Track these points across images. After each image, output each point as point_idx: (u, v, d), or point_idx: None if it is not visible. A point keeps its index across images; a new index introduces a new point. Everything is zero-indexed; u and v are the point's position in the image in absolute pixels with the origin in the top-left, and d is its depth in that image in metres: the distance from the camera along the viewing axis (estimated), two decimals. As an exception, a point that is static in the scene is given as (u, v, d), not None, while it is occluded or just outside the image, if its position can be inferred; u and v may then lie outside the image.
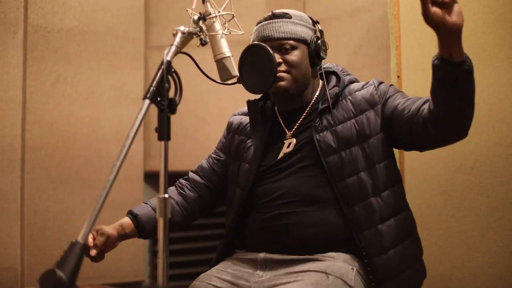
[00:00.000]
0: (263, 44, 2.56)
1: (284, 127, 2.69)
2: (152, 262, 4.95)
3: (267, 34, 2.61)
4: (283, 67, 2.59)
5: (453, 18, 2.11)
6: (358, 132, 2.51)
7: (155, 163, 4.76)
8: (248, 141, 2.74)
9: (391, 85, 2.63)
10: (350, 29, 4.35)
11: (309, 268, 2.39)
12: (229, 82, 2.48)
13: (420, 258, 2.62)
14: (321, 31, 2.68)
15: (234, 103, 4.81)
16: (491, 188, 3.13)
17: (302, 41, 2.61)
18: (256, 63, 2.55)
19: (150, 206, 2.78)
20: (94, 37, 4.56)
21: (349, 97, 2.59)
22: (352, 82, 2.68)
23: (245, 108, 2.82)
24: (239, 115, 2.91)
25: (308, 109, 2.67)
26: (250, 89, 2.62)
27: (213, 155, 2.93)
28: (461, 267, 3.21)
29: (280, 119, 2.72)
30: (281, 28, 2.60)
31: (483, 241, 3.15)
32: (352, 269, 2.40)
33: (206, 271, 2.61)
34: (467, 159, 3.19)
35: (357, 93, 2.59)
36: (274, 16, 2.64)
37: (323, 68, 2.71)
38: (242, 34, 2.48)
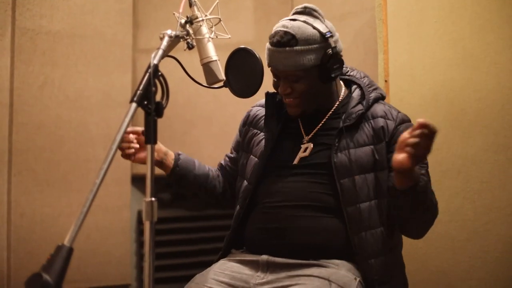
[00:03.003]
0: (249, 48, 2.55)
1: (302, 129, 2.68)
2: (139, 265, 4.93)
3: (273, 65, 2.56)
4: (291, 96, 2.57)
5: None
6: (376, 160, 2.50)
7: (142, 166, 4.71)
8: (261, 134, 2.73)
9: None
10: (338, 33, 4.36)
11: (313, 273, 2.38)
12: (215, 86, 2.48)
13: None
14: (333, 44, 2.53)
15: (222, 106, 4.83)
16: (477, 193, 3.14)
17: (310, 69, 2.51)
18: (243, 68, 2.54)
19: (195, 162, 2.86)
20: (82, 40, 4.54)
21: (371, 121, 2.56)
22: (377, 100, 2.63)
23: (264, 100, 2.78)
24: (257, 106, 2.86)
25: (329, 114, 2.65)
26: (237, 93, 2.59)
27: (227, 155, 2.94)
28: (447, 271, 3.22)
29: (299, 120, 2.70)
30: (286, 61, 2.50)
31: (469, 246, 3.16)
32: (355, 279, 2.39)
33: (193, 274, 2.59)
34: (454, 164, 3.20)
35: (379, 119, 2.56)
36: (279, 43, 2.50)
37: (347, 75, 2.73)
38: (229, 38, 2.48)
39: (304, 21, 2.52)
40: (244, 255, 2.60)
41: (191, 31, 2.28)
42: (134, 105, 1.91)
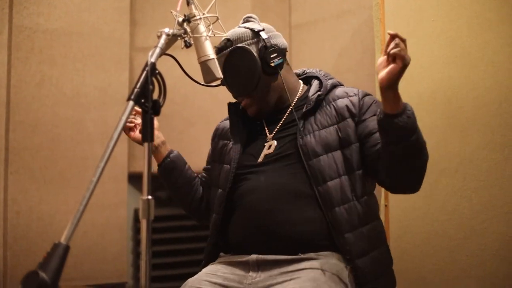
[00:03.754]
0: (247, 47, 2.60)
1: (266, 128, 2.72)
2: (136, 263, 4.93)
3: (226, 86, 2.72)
4: (251, 105, 2.70)
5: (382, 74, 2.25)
6: (340, 138, 2.53)
7: (139, 164, 4.74)
8: (230, 143, 2.76)
9: (375, 101, 2.62)
10: (335, 32, 4.36)
11: (305, 266, 2.39)
12: (212, 84, 2.48)
13: (391, 267, 2.64)
14: (265, 38, 2.65)
15: (219, 104, 4.79)
16: (474, 191, 3.14)
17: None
18: (241, 66, 2.59)
19: (186, 164, 2.97)
20: (79, 38, 4.54)
21: (332, 103, 2.61)
22: (335, 86, 2.71)
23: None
24: (223, 121, 2.95)
25: (289, 110, 2.69)
26: (234, 91, 2.68)
27: (204, 167, 3.03)
28: (444, 269, 3.22)
29: (263, 121, 2.75)
30: (233, 81, 2.67)
31: (466, 244, 3.16)
32: (346, 267, 2.42)
33: (189, 272, 2.60)
34: (451, 162, 3.20)
35: (340, 99, 2.61)
36: (218, 50, 2.68)
37: (306, 73, 2.80)
38: (227, 36, 2.48)
39: (238, 26, 2.73)
40: (233, 257, 2.60)
41: (188, 30, 2.26)
42: (131, 103, 1.89)
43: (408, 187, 2.52)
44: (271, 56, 2.61)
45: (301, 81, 2.81)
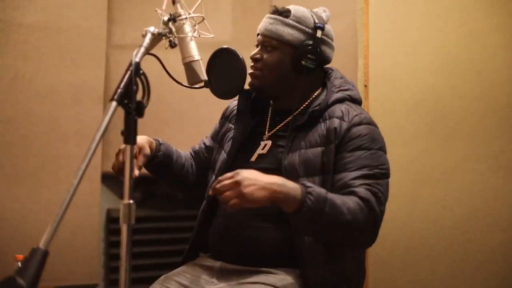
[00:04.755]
0: (232, 48, 2.54)
1: (267, 125, 2.63)
2: (107, 265, 4.85)
3: (259, 29, 2.59)
4: (258, 64, 2.55)
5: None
6: (324, 164, 2.40)
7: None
8: (233, 129, 2.68)
9: (364, 134, 2.41)
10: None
11: (261, 280, 2.36)
12: (196, 86, 2.41)
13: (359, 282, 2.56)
14: (319, 38, 2.54)
15: (196, 105, 4.76)
16: (457, 202, 3.12)
17: (286, 43, 2.51)
18: (226, 68, 2.52)
19: (174, 151, 2.79)
20: (55, 33, 4.45)
21: (327, 121, 2.46)
22: (340, 100, 2.53)
23: None
24: (236, 100, 2.77)
25: (295, 113, 2.55)
26: (218, 94, 2.59)
27: (204, 141, 2.89)
28: (424, 280, 3.19)
29: (269, 117, 2.65)
30: (270, 26, 2.53)
31: (447, 255, 3.14)
32: (300, 285, 2.37)
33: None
34: (434, 171, 3.18)
35: (335, 119, 2.45)
36: (274, 12, 2.57)
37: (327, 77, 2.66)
38: (212, 37, 2.41)
39: (308, 9, 2.59)
40: (205, 260, 2.59)
41: (173, 29, 2.20)
42: (114, 103, 1.85)
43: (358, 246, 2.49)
44: (308, 56, 2.49)
45: (320, 86, 2.64)
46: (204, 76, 2.31)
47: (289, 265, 2.41)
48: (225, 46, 2.56)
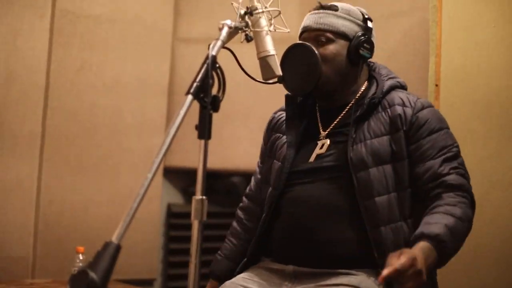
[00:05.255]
0: (308, 44, 2.48)
1: (320, 126, 2.59)
2: (166, 260, 4.87)
3: (307, 24, 2.56)
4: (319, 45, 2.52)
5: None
6: (393, 151, 2.39)
7: (175, 158, 4.65)
8: (283, 137, 2.64)
9: (430, 118, 2.43)
10: (385, 33, 4.25)
11: (342, 281, 2.30)
12: (269, 81, 2.37)
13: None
14: (370, 29, 2.56)
15: (261, 101, 4.71)
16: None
17: (341, 35, 2.50)
18: (300, 64, 2.48)
19: (225, 257, 2.80)
20: (121, 25, 4.49)
21: (388, 109, 2.45)
22: (393, 87, 2.53)
23: (284, 105, 2.71)
24: (279, 111, 2.78)
25: (347, 109, 2.56)
26: (291, 90, 2.56)
27: (257, 170, 2.84)
28: (492, 284, 3.12)
29: (318, 117, 2.62)
30: (321, 19, 2.52)
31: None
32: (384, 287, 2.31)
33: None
34: (505, 175, 3.10)
35: (396, 106, 2.45)
36: (320, 7, 2.56)
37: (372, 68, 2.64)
38: (288, 32, 2.36)
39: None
40: (272, 264, 2.53)
41: (250, 23, 2.17)
42: (190, 97, 1.83)
43: None
44: (364, 45, 2.51)
45: (366, 80, 2.65)
46: (279, 71, 2.27)
47: (368, 265, 2.36)
48: (300, 41, 2.52)
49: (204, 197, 1.82)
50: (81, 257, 3.10)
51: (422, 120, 2.41)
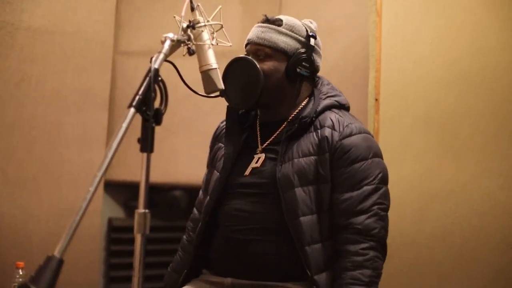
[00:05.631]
0: (250, 58, 2.50)
1: (259, 139, 2.60)
2: (107, 275, 4.81)
3: (250, 37, 2.58)
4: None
5: None
6: (318, 173, 2.41)
7: (116, 172, 4.61)
8: (224, 148, 2.65)
9: (354, 147, 2.42)
10: (325, 49, 4.29)
11: None
12: (211, 95, 2.37)
13: None
14: (312, 47, 2.55)
15: (202, 115, 4.70)
16: (466, 219, 3.09)
17: (281, 51, 2.51)
18: (242, 78, 2.50)
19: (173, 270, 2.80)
20: (62, 37, 4.43)
21: (319, 130, 2.45)
22: (329, 107, 2.53)
23: None
24: (224, 121, 2.77)
25: (284, 125, 2.56)
26: (233, 103, 2.56)
27: (203, 178, 2.85)
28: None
29: (258, 131, 2.63)
30: (262, 34, 2.53)
31: (455, 272, 3.11)
32: None
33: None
34: (443, 188, 3.15)
35: (326, 129, 2.44)
36: (266, 20, 2.57)
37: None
38: (230, 45, 2.37)
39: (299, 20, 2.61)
40: (212, 277, 2.55)
41: (192, 36, 2.17)
42: (132, 110, 1.82)
43: None
44: (303, 64, 2.50)
45: (307, 95, 2.63)
46: (221, 85, 2.27)
47: (299, 278, 2.39)
48: (242, 55, 2.53)
49: (147, 210, 1.81)
50: (20, 272, 3.04)
51: (346, 147, 2.40)
